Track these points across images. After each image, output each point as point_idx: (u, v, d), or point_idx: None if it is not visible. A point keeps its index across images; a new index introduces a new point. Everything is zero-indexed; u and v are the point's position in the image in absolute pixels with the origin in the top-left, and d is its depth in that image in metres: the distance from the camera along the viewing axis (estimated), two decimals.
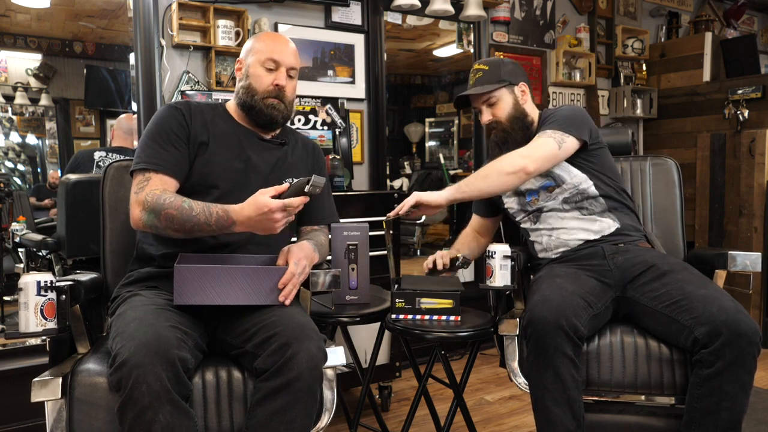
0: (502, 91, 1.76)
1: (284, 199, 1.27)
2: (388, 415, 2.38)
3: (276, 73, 1.50)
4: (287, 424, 1.17)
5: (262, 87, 1.50)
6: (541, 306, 1.41)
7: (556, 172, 1.72)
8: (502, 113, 1.76)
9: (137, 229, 1.40)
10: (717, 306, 1.35)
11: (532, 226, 1.79)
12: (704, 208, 3.62)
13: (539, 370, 1.40)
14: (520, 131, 1.76)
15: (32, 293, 1.19)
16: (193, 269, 1.29)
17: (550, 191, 1.74)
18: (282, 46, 1.52)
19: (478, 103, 1.79)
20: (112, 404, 1.13)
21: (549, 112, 1.77)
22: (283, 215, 1.27)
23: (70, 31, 3.61)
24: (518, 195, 1.81)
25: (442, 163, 3.92)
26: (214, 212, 1.30)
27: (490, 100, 1.77)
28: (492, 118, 1.77)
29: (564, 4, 3.65)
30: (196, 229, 1.31)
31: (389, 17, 2.98)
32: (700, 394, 1.34)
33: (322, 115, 2.66)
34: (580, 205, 1.72)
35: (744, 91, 3.45)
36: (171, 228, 1.32)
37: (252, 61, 1.51)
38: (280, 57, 1.50)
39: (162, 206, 1.31)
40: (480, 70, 1.78)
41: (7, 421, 2.06)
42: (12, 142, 3.66)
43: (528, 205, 1.79)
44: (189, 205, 1.31)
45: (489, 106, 1.78)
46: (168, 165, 1.41)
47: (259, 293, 1.33)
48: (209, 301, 1.30)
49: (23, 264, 2.55)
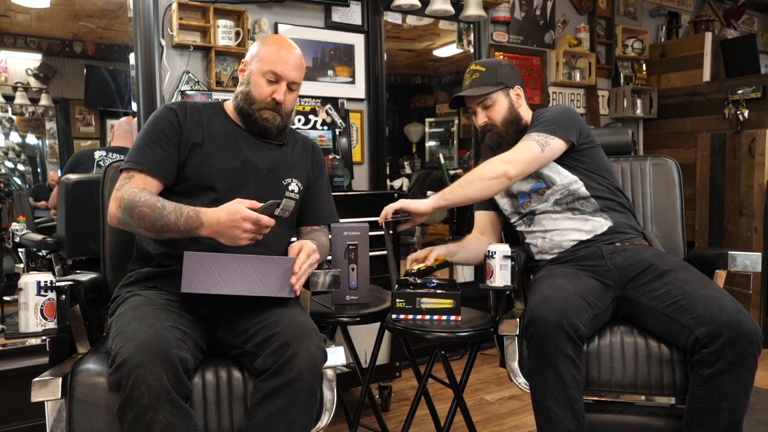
0: (498, 94, 1.77)
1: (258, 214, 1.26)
2: (388, 415, 2.38)
3: (276, 86, 1.48)
4: (287, 423, 1.17)
5: (260, 97, 1.48)
6: (542, 306, 1.41)
7: (545, 174, 1.72)
8: (498, 116, 1.76)
9: (113, 225, 1.40)
10: (718, 306, 1.35)
11: (527, 228, 1.79)
12: (704, 208, 3.62)
13: (540, 370, 1.40)
14: (514, 134, 1.75)
15: (32, 293, 1.19)
16: (203, 256, 1.28)
17: (541, 193, 1.74)
18: (286, 57, 1.49)
19: (474, 105, 1.79)
20: (112, 404, 1.13)
21: (538, 114, 1.77)
22: (251, 228, 1.26)
23: (70, 31, 3.61)
24: (510, 197, 1.81)
25: (442, 163, 3.92)
26: (185, 212, 1.29)
27: (486, 102, 1.77)
28: (487, 120, 1.77)
29: (564, 4, 3.65)
30: (165, 229, 1.30)
31: (389, 17, 2.98)
32: (701, 395, 1.34)
33: (322, 115, 2.66)
34: (572, 206, 1.72)
35: (744, 91, 3.44)
36: (143, 227, 1.32)
37: (255, 68, 1.49)
38: (283, 70, 1.47)
39: (136, 204, 1.31)
40: (477, 72, 1.78)
41: (7, 421, 2.06)
42: (12, 142, 3.66)
43: (521, 208, 1.79)
44: (162, 204, 1.31)
45: (484, 108, 1.78)
46: (152, 165, 1.41)
47: (266, 283, 1.32)
48: (216, 289, 1.28)
49: (23, 264, 2.55)
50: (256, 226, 1.26)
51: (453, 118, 3.97)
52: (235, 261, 1.30)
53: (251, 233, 1.27)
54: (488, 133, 1.78)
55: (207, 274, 1.27)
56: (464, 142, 3.87)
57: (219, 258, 1.29)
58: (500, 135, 1.76)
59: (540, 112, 1.78)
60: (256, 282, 1.31)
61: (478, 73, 1.77)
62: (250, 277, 1.30)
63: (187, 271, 1.27)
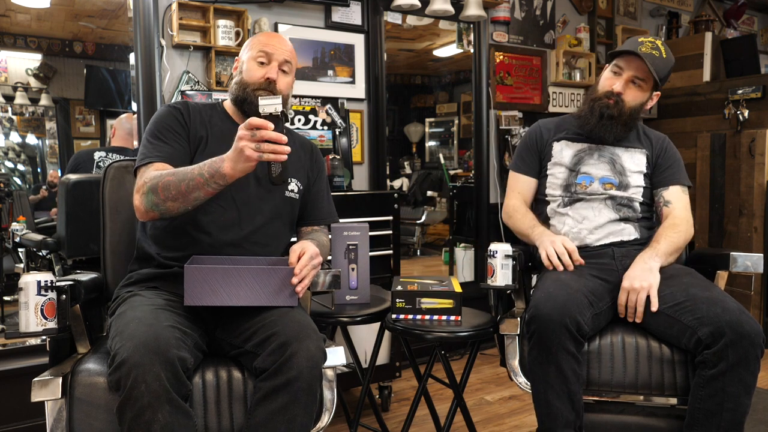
0: (651, 85, 1.69)
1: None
2: (388, 415, 2.37)
3: (268, 67, 1.49)
4: (287, 423, 1.17)
5: (252, 79, 1.48)
6: (546, 303, 1.41)
7: (626, 177, 1.72)
8: (632, 99, 1.68)
9: (143, 219, 1.39)
10: (721, 307, 1.35)
11: (560, 209, 1.74)
12: (704, 208, 3.61)
13: (542, 365, 1.41)
14: (628, 122, 1.70)
15: (32, 293, 1.19)
16: (203, 270, 1.28)
17: (606, 187, 1.72)
18: (275, 41, 1.51)
19: (630, 71, 1.66)
20: (111, 404, 1.13)
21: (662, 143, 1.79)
22: (247, 135, 1.19)
23: (70, 31, 3.61)
24: (571, 171, 1.75)
25: (442, 163, 3.92)
26: (207, 161, 1.28)
27: (641, 81, 1.67)
28: (622, 92, 1.67)
29: (564, 4, 3.65)
30: (192, 186, 1.27)
31: (389, 17, 2.98)
32: (703, 395, 1.34)
33: (322, 115, 2.66)
34: (618, 208, 1.71)
35: (744, 91, 3.44)
36: (170, 198, 1.29)
37: (246, 57, 1.52)
38: (273, 50, 1.49)
39: (158, 179, 1.31)
40: (658, 49, 1.66)
41: (7, 421, 2.06)
42: (12, 142, 3.66)
43: (574, 186, 1.74)
44: (183, 168, 1.31)
45: (632, 83, 1.68)
46: (167, 155, 1.40)
47: (269, 294, 1.32)
48: (220, 302, 1.29)
49: (23, 264, 2.54)
50: (251, 130, 1.20)
51: (453, 118, 3.97)
52: (236, 272, 1.30)
53: (252, 141, 1.19)
54: (612, 100, 1.67)
55: (209, 287, 1.28)
56: (464, 142, 3.87)
57: (219, 270, 1.29)
58: (621, 113, 1.67)
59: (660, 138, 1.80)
60: (258, 292, 1.31)
61: (658, 53, 1.65)
62: (251, 288, 1.31)
63: (188, 284, 1.27)
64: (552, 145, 1.79)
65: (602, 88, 1.71)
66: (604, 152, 1.75)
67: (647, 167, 1.75)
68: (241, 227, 1.45)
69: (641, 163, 1.75)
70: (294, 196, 1.55)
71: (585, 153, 1.75)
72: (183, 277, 1.28)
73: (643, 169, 1.74)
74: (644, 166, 1.75)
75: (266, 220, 1.49)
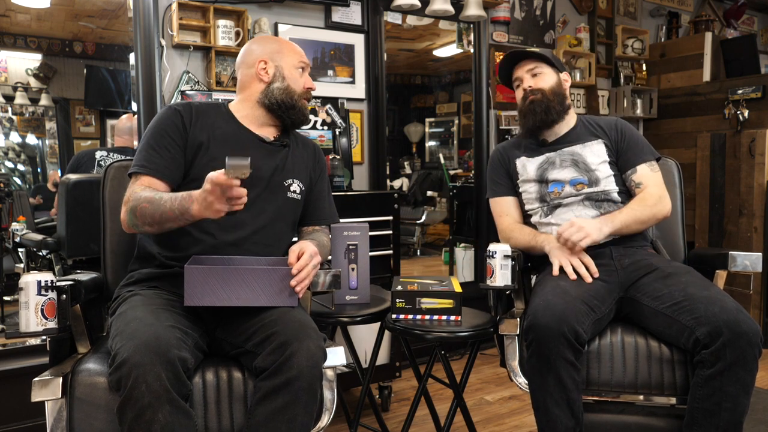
0: (549, 68, 1.81)
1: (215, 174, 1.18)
2: (388, 415, 2.38)
3: (305, 75, 1.59)
4: (288, 422, 1.17)
5: (299, 89, 1.56)
6: (544, 312, 1.41)
7: (594, 173, 1.73)
8: (545, 85, 1.79)
9: (127, 232, 1.41)
10: (719, 306, 1.35)
11: (542, 219, 1.76)
12: (704, 208, 3.62)
13: (540, 374, 1.41)
14: (559, 106, 1.78)
15: (33, 293, 1.19)
16: (203, 270, 1.29)
17: (579, 188, 1.73)
18: (300, 49, 1.62)
19: (524, 72, 1.81)
20: (112, 404, 1.13)
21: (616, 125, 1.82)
22: (216, 191, 1.17)
23: (70, 31, 3.61)
24: (540, 183, 1.78)
25: (442, 163, 3.92)
26: (179, 196, 1.28)
27: (536, 70, 1.80)
28: (533, 86, 1.79)
29: (564, 4, 3.65)
30: (164, 218, 1.28)
31: (389, 17, 2.98)
32: (702, 395, 1.34)
33: (322, 115, 2.66)
34: (598, 204, 1.72)
35: (744, 91, 3.44)
36: (146, 223, 1.32)
37: (285, 63, 1.56)
38: (307, 60, 1.61)
39: (138, 202, 1.32)
40: (533, 51, 1.84)
41: (7, 421, 2.06)
42: (12, 142, 3.66)
43: (548, 196, 1.76)
44: (159, 196, 1.31)
45: (533, 76, 1.80)
46: (158, 168, 1.41)
47: (269, 294, 1.32)
48: (220, 302, 1.29)
49: (23, 264, 2.55)
50: (218, 187, 1.17)
51: (453, 118, 3.97)
52: (236, 272, 1.30)
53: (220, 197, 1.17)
54: (533, 96, 1.78)
55: (209, 287, 1.28)
56: (464, 142, 3.87)
57: (219, 270, 1.29)
58: (547, 100, 1.77)
59: (613, 121, 1.84)
60: (259, 292, 1.31)
61: (535, 52, 1.83)
62: (252, 288, 1.31)
63: (189, 284, 1.27)
64: (515, 163, 1.84)
65: (520, 100, 1.84)
66: (564, 156, 1.78)
67: (609, 155, 1.77)
68: (244, 228, 1.45)
69: (602, 153, 1.77)
70: (296, 197, 1.56)
71: (547, 163, 1.79)
72: (183, 277, 1.28)
73: (606, 158, 1.77)
74: (605, 154, 1.77)
75: (269, 221, 1.49)
